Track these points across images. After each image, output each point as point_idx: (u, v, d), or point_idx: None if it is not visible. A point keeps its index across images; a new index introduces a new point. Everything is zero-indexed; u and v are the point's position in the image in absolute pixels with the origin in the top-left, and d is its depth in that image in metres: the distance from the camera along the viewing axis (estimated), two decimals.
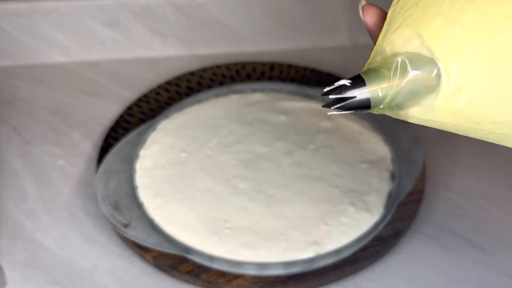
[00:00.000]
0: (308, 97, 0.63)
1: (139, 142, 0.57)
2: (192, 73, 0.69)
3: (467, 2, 0.22)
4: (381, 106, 0.24)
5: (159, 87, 0.67)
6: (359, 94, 0.24)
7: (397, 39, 0.24)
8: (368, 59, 0.26)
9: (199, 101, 0.62)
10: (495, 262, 0.47)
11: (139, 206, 0.51)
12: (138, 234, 0.48)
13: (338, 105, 0.24)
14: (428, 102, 0.23)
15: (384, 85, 0.23)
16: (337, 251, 0.47)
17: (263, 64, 0.70)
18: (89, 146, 0.62)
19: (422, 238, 0.53)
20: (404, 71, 0.23)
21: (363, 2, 0.27)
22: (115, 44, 0.75)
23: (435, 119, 0.23)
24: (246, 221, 0.49)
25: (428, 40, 0.23)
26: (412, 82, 0.23)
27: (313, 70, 0.69)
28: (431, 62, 0.23)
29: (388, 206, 0.51)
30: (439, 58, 0.22)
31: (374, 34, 0.26)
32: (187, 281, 0.49)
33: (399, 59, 0.23)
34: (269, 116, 0.60)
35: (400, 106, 0.24)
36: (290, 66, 0.70)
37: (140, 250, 0.50)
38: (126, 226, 0.49)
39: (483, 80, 0.22)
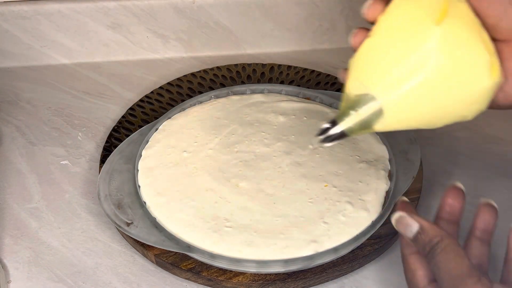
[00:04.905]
0: (307, 98, 0.63)
1: (142, 142, 0.57)
2: (193, 75, 0.70)
3: (386, 67, 0.37)
4: (354, 132, 0.39)
5: (161, 88, 0.67)
6: (337, 130, 0.39)
7: (352, 87, 0.39)
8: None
9: (200, 102, 0.62)
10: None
11: (141, 205, 0.50)
12: (140, 232, 0.48)
13: (328, 140, 0.40)
14: (382, 120, 0.38)
15: (351, 121, 0.38)
16: (335, 249, 0.47)
17: (263, 65, 0.71)
18: (92, 146, 0.63)
19: None
20: (359, 108, 0.38)
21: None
22: (118, 46, 0.75)
23: (389, 127, 0.38)
24: (246, 219, 0.49)
25: (369, 86, 0.38)
26: (366, 113, 0.38)
27: (312, 71, 0.70)
28: (373, 98, 0.37)
29: (385, 205, 0.50)
30: (376, 96, 0.37)
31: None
32: (188, 279, 0.49)
33: (354, 110, 0.38)
34: (269, 117, 0.60)
35: (367, 128, 0.38)
36: (289, 67, 0.70)
37: (142, 248, 0.50)
38: (128, 224, 0.49)
39: (401, 102, 0.37)
